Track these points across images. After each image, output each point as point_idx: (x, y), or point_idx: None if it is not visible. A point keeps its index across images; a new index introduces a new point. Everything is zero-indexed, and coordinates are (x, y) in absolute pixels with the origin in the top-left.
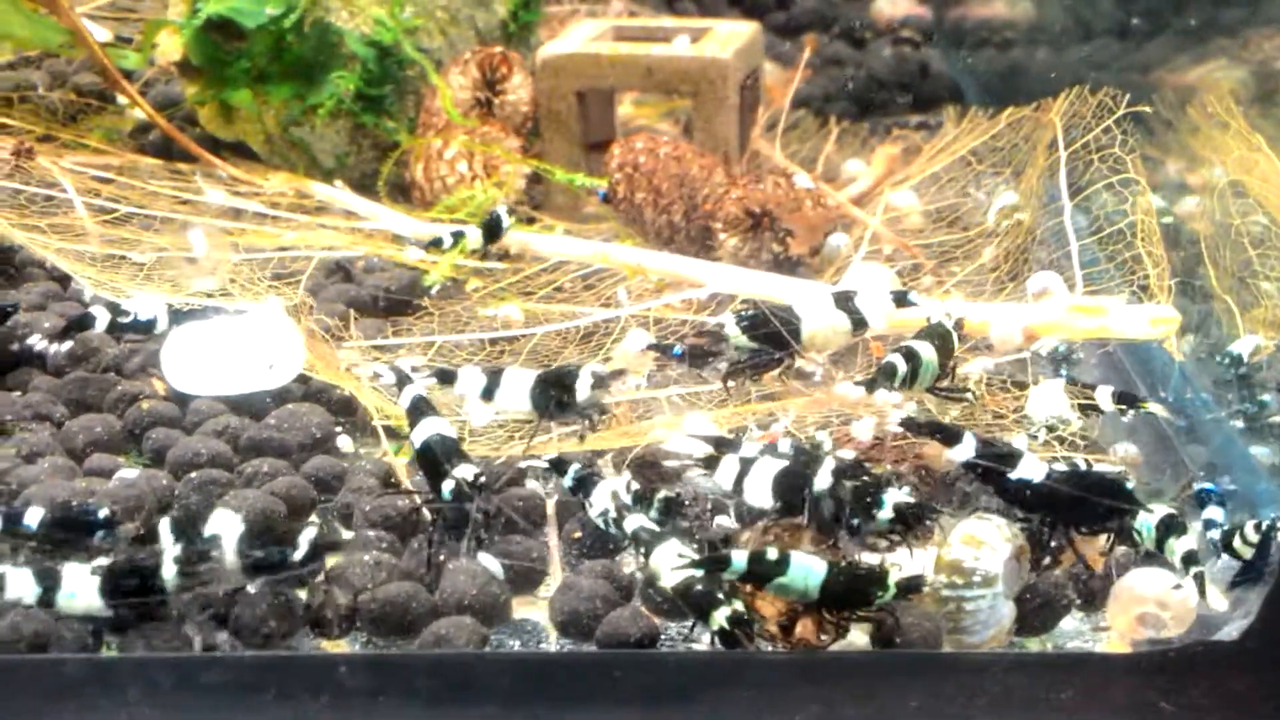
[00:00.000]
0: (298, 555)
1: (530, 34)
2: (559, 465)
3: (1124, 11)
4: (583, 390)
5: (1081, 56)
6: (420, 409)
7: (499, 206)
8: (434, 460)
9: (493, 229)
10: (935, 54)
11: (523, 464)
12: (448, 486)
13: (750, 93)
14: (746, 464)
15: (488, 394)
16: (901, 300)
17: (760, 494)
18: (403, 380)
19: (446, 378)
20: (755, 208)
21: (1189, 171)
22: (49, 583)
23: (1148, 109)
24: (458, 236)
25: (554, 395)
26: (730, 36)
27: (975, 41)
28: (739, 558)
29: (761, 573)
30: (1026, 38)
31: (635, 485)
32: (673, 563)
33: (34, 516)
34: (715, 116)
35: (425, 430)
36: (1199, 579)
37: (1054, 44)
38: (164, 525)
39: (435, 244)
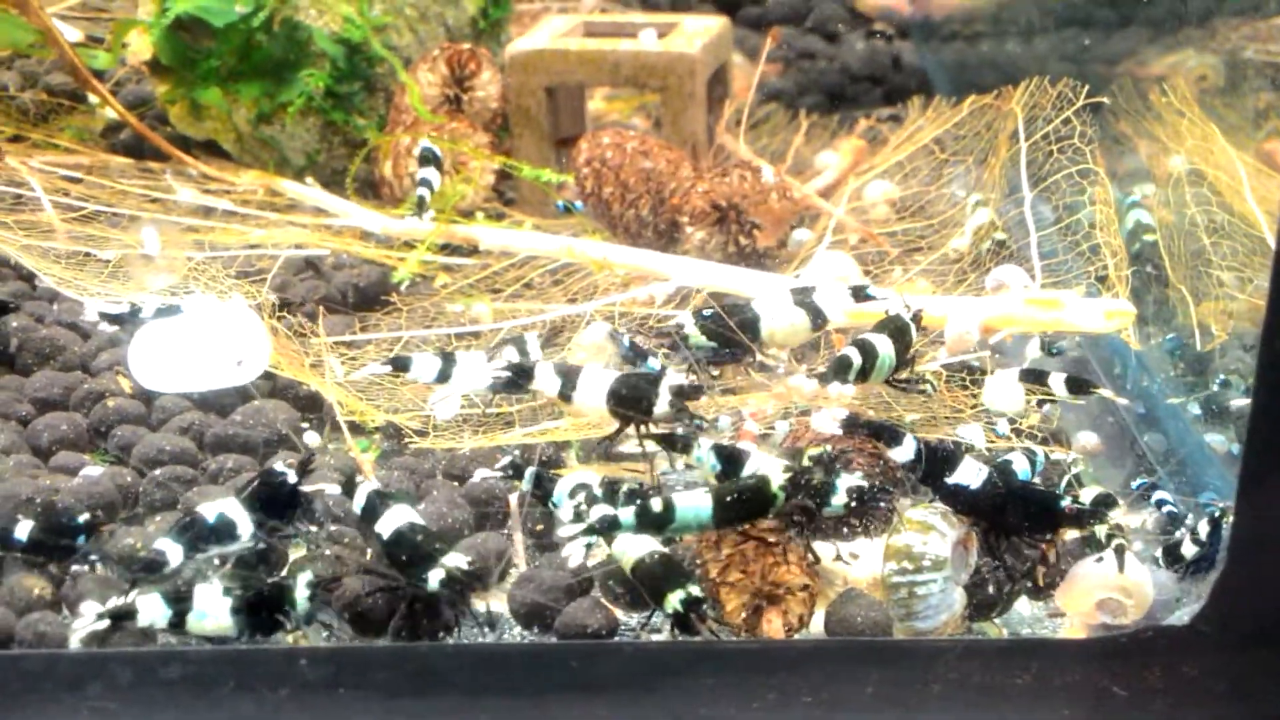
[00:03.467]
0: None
1: (500, 31)
2: (518, 469)
3: (1092, 3)
4: (662, 403)
5: (1049, 48)
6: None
7: (424, 141)
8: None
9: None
10: (907, 47)
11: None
12: (436, 576)
13: (718, 87)
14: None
15: (565, 396)
16: (860, 294)
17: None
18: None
19: (524, 374)
20: (721, 201)
21: (1150, 160)
22: (181, 606)
23: (1105, 100)
24: (429, 184)
25: (633, 405)
26: (698, 31)
27: (946, 34)
28: (626, 514)
29: (654, 523)
30: (996, 30)
31: (601, 477)
32: (639, 551)
33: (23, 530)
34: (683, 111)
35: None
36: (1119, 551)
37: (1023, 36)
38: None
39: (420, 202)
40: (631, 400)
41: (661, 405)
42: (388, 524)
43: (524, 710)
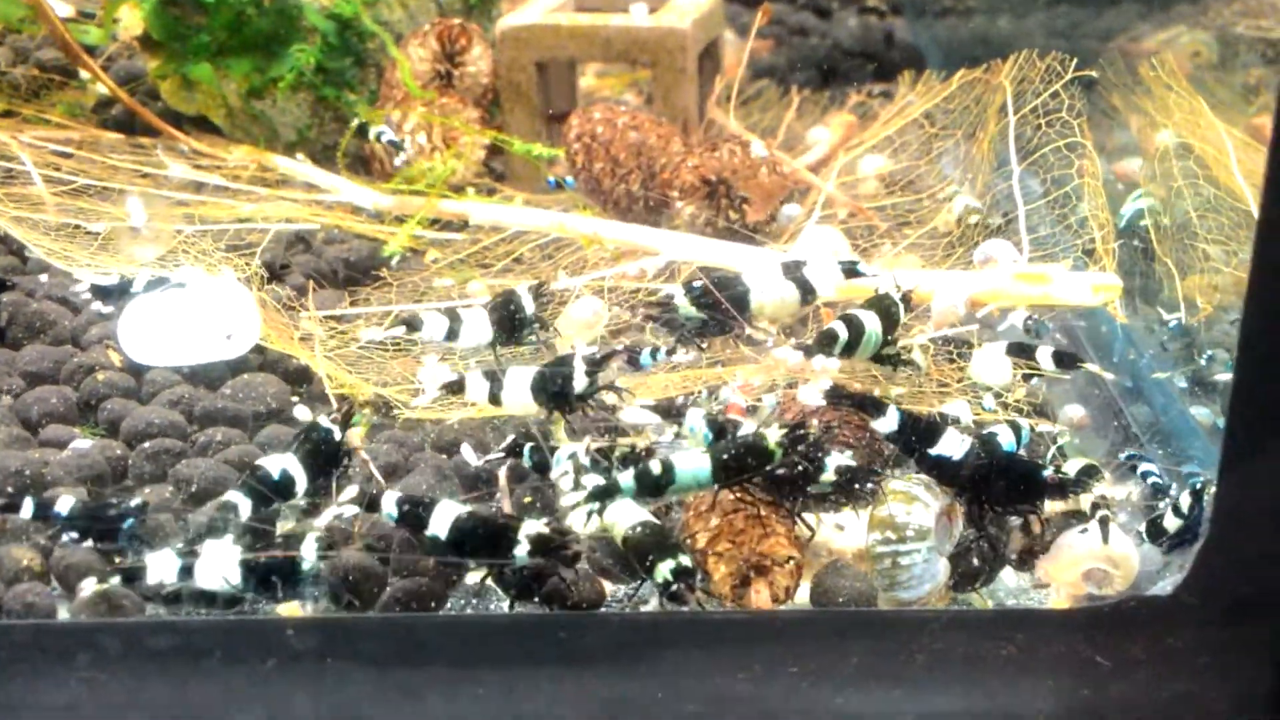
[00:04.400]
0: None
1: (492, 6)
2: (518, 448)
3: None
4: (580, 380)
5: (1042, 24)
6: None
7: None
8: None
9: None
10: (900, 23)
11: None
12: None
13: (709, 62)
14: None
15: (494, 398)
16: (851, 271)
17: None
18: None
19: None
20: (711, 176)
21: (1139, 135)
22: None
23: (1094, 74)
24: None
25: (553, 389)
26: (689, 7)
27: (939, 9)
28: (625, 479)
29: (654, 485)
30: (989, 5)
31: (594, 447)
32: (629, 521)
33: (64, 505)
34: (674, 86)
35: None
36: (1103, 522)
37: (1015, 11)
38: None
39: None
40: (552, 387)
41: (580, 381)
42: (440, 522)
43: (513, 681)
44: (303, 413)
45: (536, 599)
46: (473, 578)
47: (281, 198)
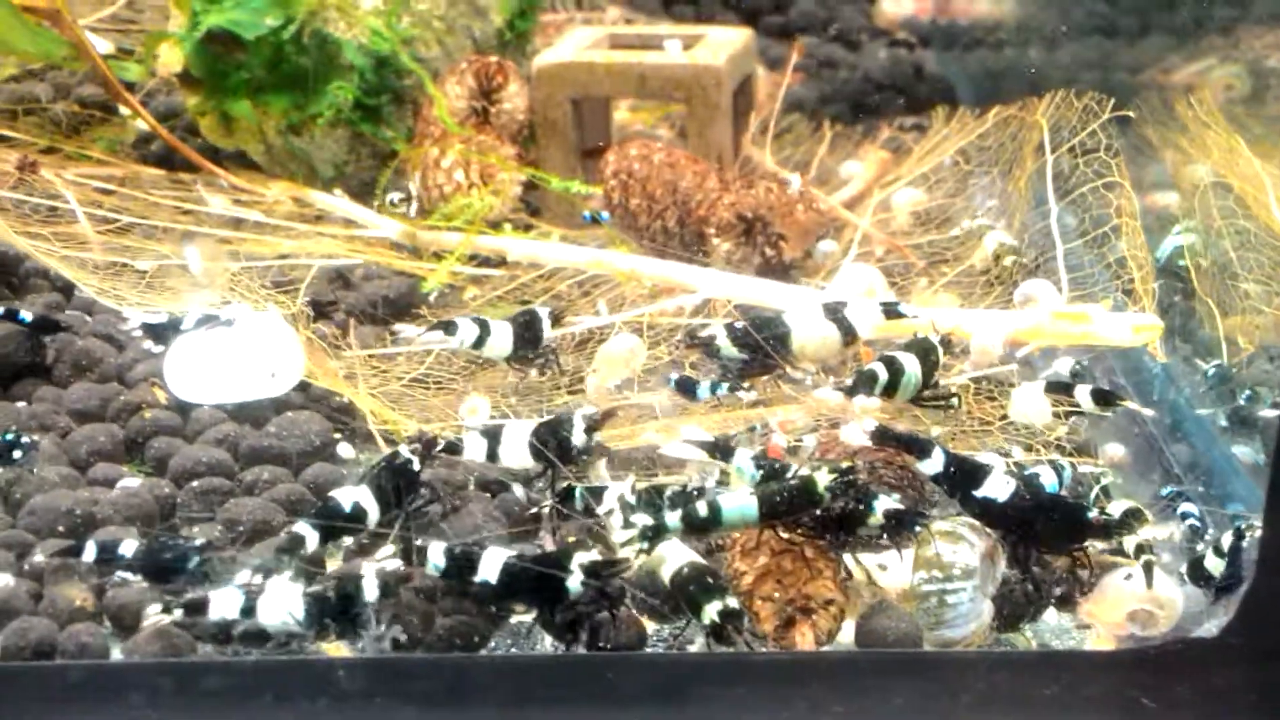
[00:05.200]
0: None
1: (526, 42)
2: (570, 492)
3: (1115, 10)
4: (578, 436)
5: (1073, 56)
6: None
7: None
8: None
9: None
10: (929, 55)
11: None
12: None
13: (743, 98)
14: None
15: (491, 454)
16: (891, 311)
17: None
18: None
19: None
20: (748, 213)
21: (1173, 170)
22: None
23: (1130, 114)
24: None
25: (551, 445)
26: (723, 43)
27: (968, 42)
28: (672, 518)
29: (701, 525)
30: (1018, 37)
31: (639, 486)
32: (677, 562)
33: (128, 547)
34: (708, 123)
35: None
36: (1148, 567)
37: (1045, 43)
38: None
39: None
40: (549, 443)
41: (579, 438)
42: (490, 567)
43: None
44: (346, 450)
45: (583, 640)
46: (516, 618)
47: (320, 233)
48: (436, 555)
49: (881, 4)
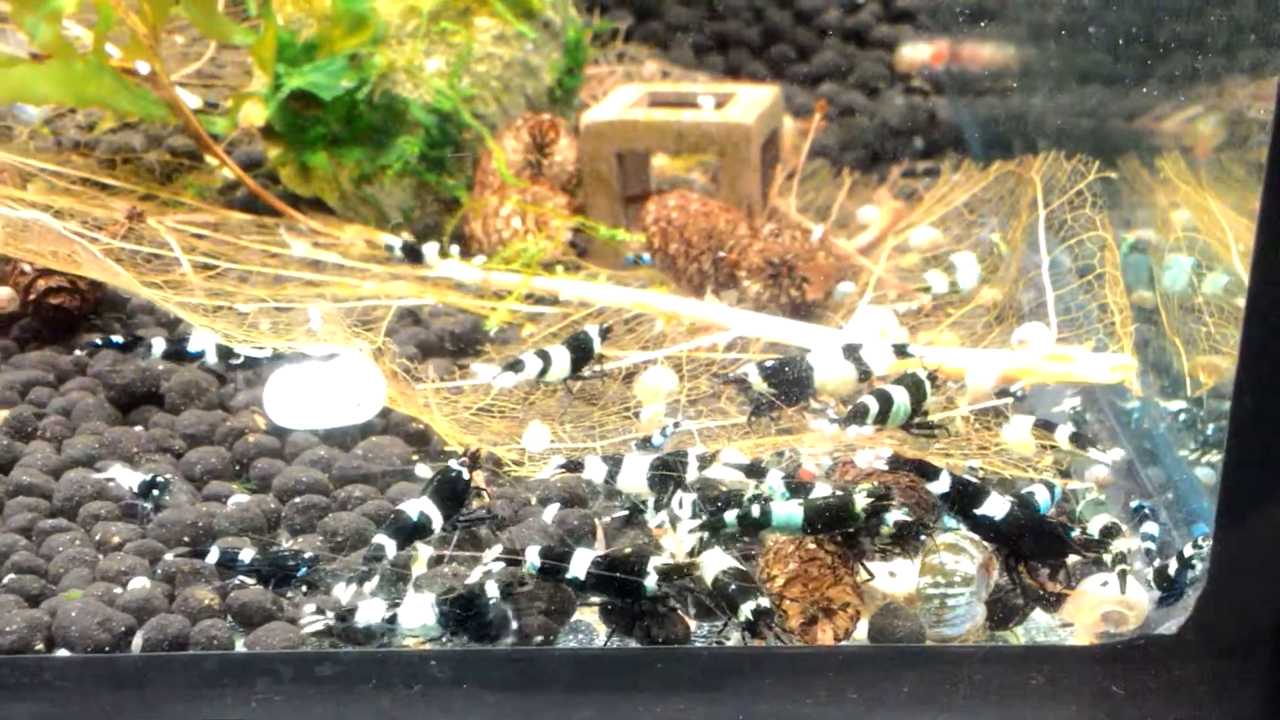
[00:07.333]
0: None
1: (573, 97)
2: (638, 511)
3: (1111, 59)
4: (692, 471)
5: (1068, 104)
6: None
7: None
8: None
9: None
10: (942, 102)
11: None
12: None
13: (770, 151)
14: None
15: (610, 476)
16: (901, 352)
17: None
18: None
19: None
20: (775, 258)
21: (1160, 216)
22: (394, 609)
23: (1113, 175)
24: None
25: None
26: (753, 102)
27: (978, 89)
28: (730, 515)
29: (753, 524)
30: (1023, 85)
31: (694, 499)
32: (717, 567)
33: (247, 555)
34: (739, 175)
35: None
36: (1122, 575)
37: (1047, 91)
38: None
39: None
40: (667, 475)
41: (692, 473)
42: (579, 566)
43: (616, 704)
44: (424, 471)
45: (639, 634)
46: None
47: (393, 274)
48: (533, 555)
49: (901, 51)
